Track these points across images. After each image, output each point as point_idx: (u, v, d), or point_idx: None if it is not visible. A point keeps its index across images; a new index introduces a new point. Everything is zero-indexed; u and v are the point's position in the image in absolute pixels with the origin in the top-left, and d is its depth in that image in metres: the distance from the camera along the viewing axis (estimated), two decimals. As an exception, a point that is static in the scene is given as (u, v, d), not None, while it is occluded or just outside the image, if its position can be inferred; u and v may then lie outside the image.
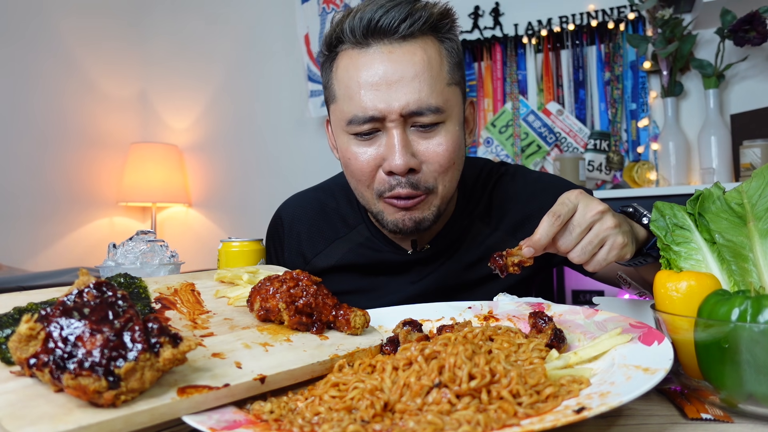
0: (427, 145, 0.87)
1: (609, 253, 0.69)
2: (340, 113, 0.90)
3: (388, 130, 0.86)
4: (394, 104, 0.84)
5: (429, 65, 0.86)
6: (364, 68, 0.85)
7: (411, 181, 0.87)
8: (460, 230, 1.03)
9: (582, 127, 2.38)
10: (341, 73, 0.89)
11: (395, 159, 0.85)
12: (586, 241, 0.69)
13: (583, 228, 0.68)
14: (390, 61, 0.85)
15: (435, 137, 0.87)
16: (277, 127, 3.08)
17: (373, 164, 0.88)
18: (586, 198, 0.70)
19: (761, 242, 0.61)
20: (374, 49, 0.86)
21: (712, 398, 0.54)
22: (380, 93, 0.84)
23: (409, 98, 0.84)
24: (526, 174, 1.10)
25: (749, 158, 1.90)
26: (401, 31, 0.85)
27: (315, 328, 0.67)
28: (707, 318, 0.53)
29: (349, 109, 0.87)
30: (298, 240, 1.11)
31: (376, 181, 0.89)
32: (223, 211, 3.21)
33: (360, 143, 0.89)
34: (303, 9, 2.87)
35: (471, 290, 1.02)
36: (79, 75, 3.07)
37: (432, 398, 0.48)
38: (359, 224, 1.07)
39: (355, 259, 1.05)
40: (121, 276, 0.67)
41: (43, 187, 2.87)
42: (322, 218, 1.10)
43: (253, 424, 0.48)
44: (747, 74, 2.14)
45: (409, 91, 0.84)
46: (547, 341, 0.61)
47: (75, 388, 0.43)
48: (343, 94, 0.89)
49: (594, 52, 2.39)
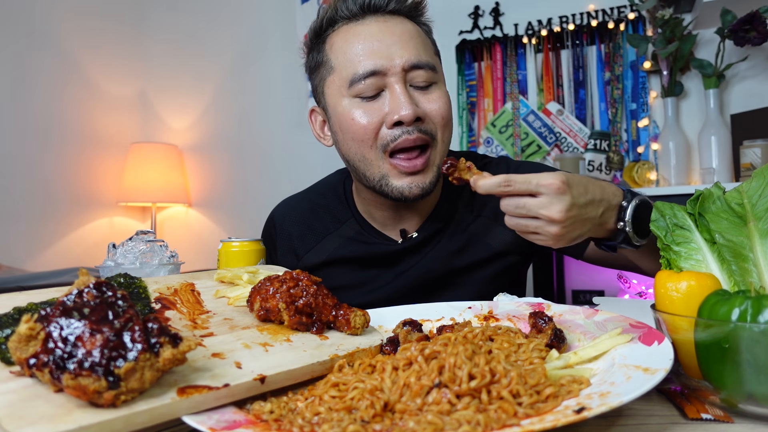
0: (427, 100, 0.94)
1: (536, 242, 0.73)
2: (339, 80, 0.96)
3: (390, 87, 0.92)
4: (395, 59, 0.92)
5: (417, 34, 0.97)
6: (364, 34, 0.94)
7: (420, 128, 0.92)
8: (446, 216, 1.05)
9: (582, 127, 2.38)
10: (339, 45, 0.96)
11: (404, 108, 0.90)
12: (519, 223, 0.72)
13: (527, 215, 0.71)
14: (386, 26, 0.95)
15: (432, 94, 0.95)
16: (277, 127, 3.08)
17: (376, 122, 0.93)
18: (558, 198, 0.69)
19: (761, 242, 0.61)
20: (370, 19, 0.96)
21: (712, 398, 0.53)
22: (381, 50, 0.92)
23: (409, 53, 0.93)
24: (510, 162, 1.12)
25: (749, 158, 1.90)
26: (390, 7, 0.96)
27: (315, 328, 0.67)
28: (707, 318, 0.53)
29: (350, 70, 0.93)
30: (289, 239, 1.14)
31: (380, 137, 0.93)
32: (223, 211, 3.21)
33: (363, 103, 0.94)
34: (303, 9, 2.87)
35: (459, 277, 1.04)
36: (79, 75, 3.07)
37: (432, 398, 0.48)
38: (349, 219, 1.10)
39: (346, 252, 1.07)
40: (121, 276, 0.67)
41: (43, 187, 2.87)
42: (312, 216, 1.13)
43: (253, 424, 0.48)
44: (747, 74, 2.14)
45: (408, 47, 0.93)
46: (547, 341, 0.61)
47: (75, 388, 0.43)
48: (342, 61, 0.95)
49: (594, 52, 2.39)
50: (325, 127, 1.05)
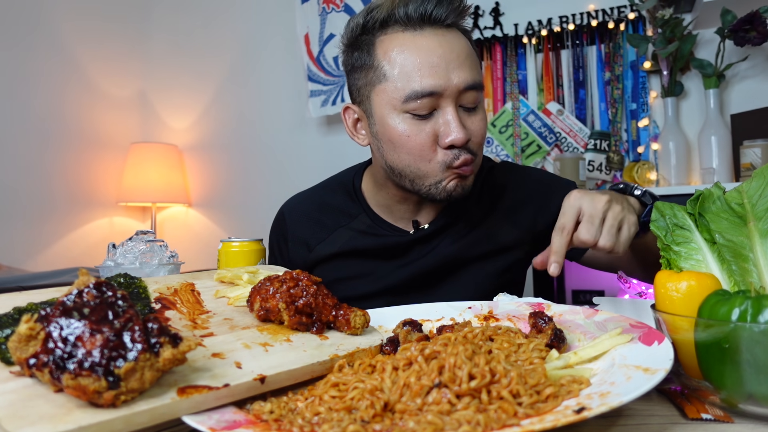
0: (472, 122, 0.97)
1: (629, 231, 0.79)
2: (393, 92, 0.94)
3: (442, 109, 0.94)
4: (453, 80, 0.92)
5: (470, 50, 0.97)
6: (424, 48, 0.93)
7: (468, 148, 0.96)
8: (457, 212, 1.10)
9: (582, 127, 2.38)
10: (395, 54, 0.94)
11: (457, 133, 0.92)
12: (606, 228, 0.78)
13: (600, 219, 0.78)
14: (446, 42, 0.94)
15: (476, 115, 0.97)
16: (277, 127, 3.08)
17: (431, 140, 0.95)
18: (587, 195, 0.80)
19: (761, 242, 0.61)
20: (428, 32, 0.94)
21: (712, 398, 0.54)
22: (440, 69, 0.92)
23: (466, 75, 0.93)
24: (511, 165, 1.20)
25: (749, 158, 1.90)
26: (449, 20, 0.95)
27: (315, 328, 0.67)
28: (707, 318, 0.53)
29: (407, 85, 0.92)
30: (301, 230, 1.15)
31: (439, 155, 0.95)
32: (223, 211, 3.20)
33: (417, 121, 0.94)
34: (303, 9, 2.87)
35: (465, 267, 1.08)
36: (79, 75, 3.07)
37: (432, 398, 0.48)
38: (360, 213, 1.12)
39: (357, 244, 1.10)
40: (121, 276, 0.67)
41: (42, 187, 2.86)
42: (323, 211, 1.15)
43: (253, 424, 0.48)
44: (747, 74, 2.14)
45: (465, 68, 0.94)
46: (547, 341, 0.61)
47: (75, 388, 0.43)
48: (398, 73, 0.93)
49: (594, 52, 2.39)
50: (358, 125, 1.06)
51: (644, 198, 0.89)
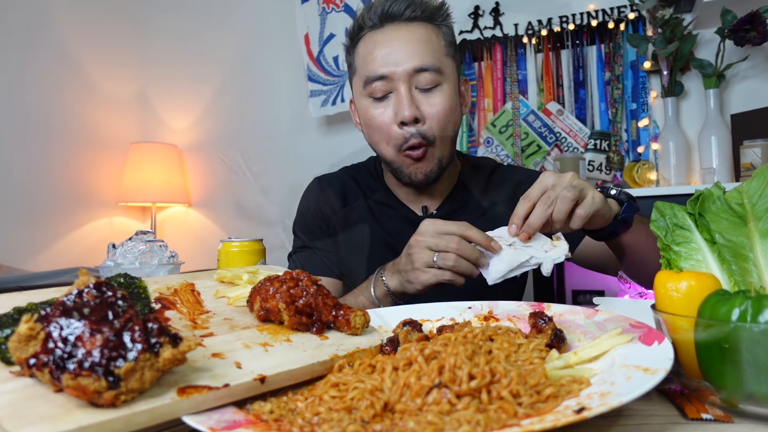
0: (428, 102, 1.07)
1: (587, 208, 0.83)
2: (359, 80, 1.12)
3: (397, 90, 1.07)
4: (402, 63, 1.06)
5: (428, 38, 1.09)
6: (379, 41, 1.09)
7: (419, 131, 1.07)
8: (463, 200, 1.23)
9: (582, 127, 2.38)
10: (361, 50, 1.13)
11: (404, 110, 1.05)
12: (561, 199, 0.81)
13: (557, 192, 0.82)
14: (398, 34, 1.09)
15: (433, 97, 1.08)
16: (277, 127, 3.07)
17: (388, 120, 1.08)
18: (557, 174, 0.85)
19: (761, 242, 0.61)
20: (387, 28, 1.10)
21: (712, 398, 0.53)
22: (390, 56, 1.07)
23: (416, 58, 1.06)
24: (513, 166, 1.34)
25: (749, 158, 1.90)
26: (406, 15, 1.09)
27: (315, 328, 0.67)
28: (707, 318, 0.53)
29: (365, 72, 1.10)
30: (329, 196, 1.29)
31: (393, 136, 1.09)
32: (223, 211, 3.20)
33: (376, 104, 1.10)
34: (303, 9, 2.87)
35: None
36: (79, 75, 3.07)
37: (432, 398, 0.48)
38: (379, 189, 1.27)
39: (375, 212, 1.24)
40: (121, 276, 0.67)
41: (43, 187, 2.87)
42: (346, 186, 1.29)
43: (253, 424, 0.48)
44: (747, 74, 2.14)
45: (413, 53, 1.06)
46: (547, 341, 0.61)
47: (75, 388, 0.43)
48: (361, 63, 1.12)
49: (594, 52, 2.39)
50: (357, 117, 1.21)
51: (620, 197, 0.94)
